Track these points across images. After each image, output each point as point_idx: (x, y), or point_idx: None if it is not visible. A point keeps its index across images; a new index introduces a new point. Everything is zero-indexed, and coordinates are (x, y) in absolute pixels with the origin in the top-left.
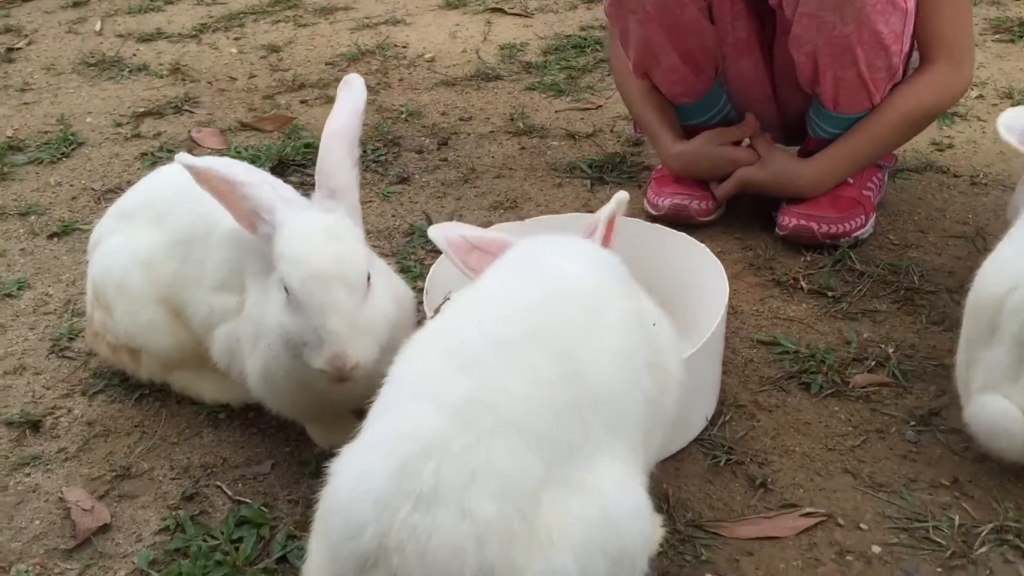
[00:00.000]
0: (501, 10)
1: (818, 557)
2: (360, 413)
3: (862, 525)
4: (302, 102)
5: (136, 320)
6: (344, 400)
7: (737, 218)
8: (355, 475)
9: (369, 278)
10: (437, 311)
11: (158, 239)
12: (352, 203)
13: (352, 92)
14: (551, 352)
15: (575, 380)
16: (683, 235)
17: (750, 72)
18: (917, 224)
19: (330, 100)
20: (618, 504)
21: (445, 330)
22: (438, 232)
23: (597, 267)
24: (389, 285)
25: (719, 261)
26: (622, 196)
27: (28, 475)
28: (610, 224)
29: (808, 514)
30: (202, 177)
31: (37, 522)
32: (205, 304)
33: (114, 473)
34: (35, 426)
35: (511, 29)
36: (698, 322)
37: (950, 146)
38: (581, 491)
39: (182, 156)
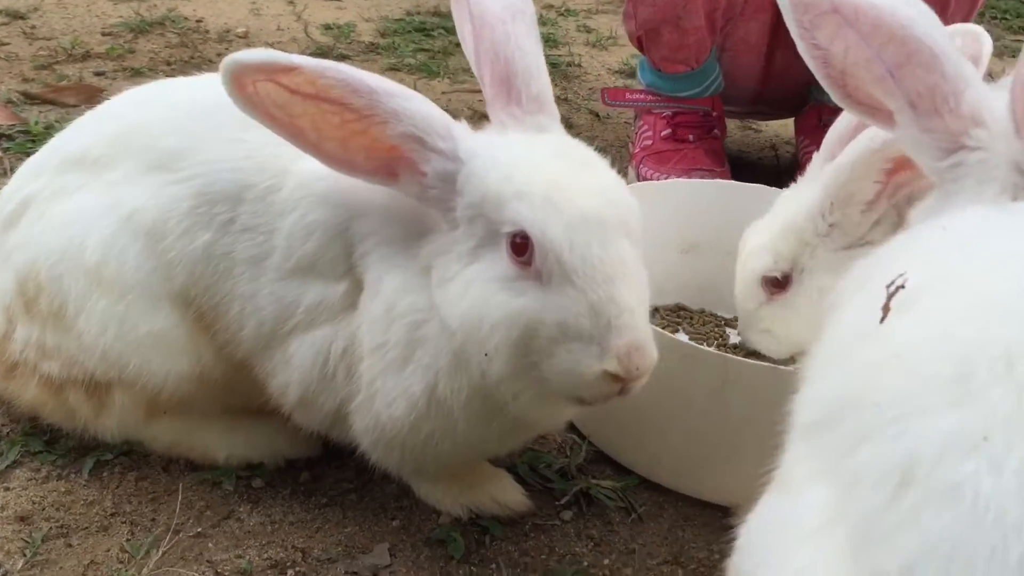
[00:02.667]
0: None
1: None
2: None
3: None
4: (97, 74)
5: (130, 331)
6: (540, 428)
7: None
8: None
9: None
10: (887, 309)
11: (171, 195)
12: (558, 121)
13: None
14: None
15: None
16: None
17: (755, 35)
18: None
19: (136, 72)
20: None
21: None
22: None
23: None
24: None
25: None
26: None
27: None
28: None
29: None
30: (303, 84)
31: None
32: (272, 299)
33: None
34: None
35: (324, 10)
36: None
37: None
38: None
39: (242, 55)
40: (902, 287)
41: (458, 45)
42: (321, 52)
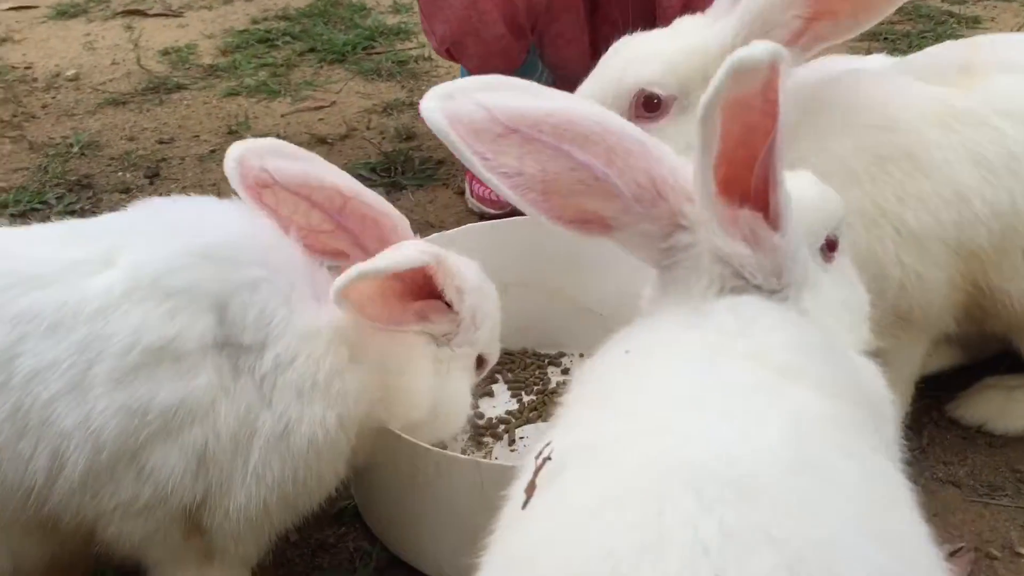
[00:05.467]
0: (139, 12)
1: None
2: None
3: None
4: None
5: None
6: None
7: None
8: None
9: None
10: (532, 488)
11: None
12: None
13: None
14: None
15: None
16: None
17: (571, 28)
18: None
19: None
20: None
21: None
22: (436, 103)
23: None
24: None
25: None
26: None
27: None
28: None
29: None
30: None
31: None
32: (112, 412)
33: None
34: None
35: (164, 31)
36: None
37: None
38: None
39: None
40: (548, 459)
41: (301, 54)
42: (155, 85)
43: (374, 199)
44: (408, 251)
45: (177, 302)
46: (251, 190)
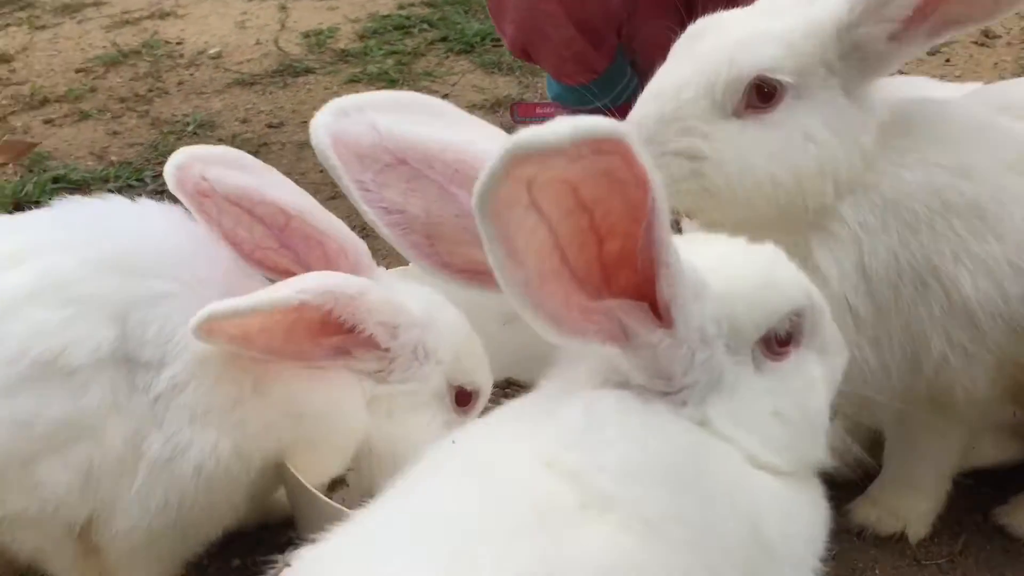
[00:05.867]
0: None
1: None
2: None
3: None
4: (46, 121)
5: None
6: None
7: None
8: None
9: None
10: None
11: None
12: None
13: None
14: None
15: None
16: None
17: (661, 34)
18: None
19: (85, 116)
20: None
21: None
22: (328, 118)
23: None
24: None
25: None
26: None
27: None
28: None
29: None
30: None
31: None
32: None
33: None
34: None
35: (314, 13)
36: None
37: None
38: None
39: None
40: (288, 565)
41: (432, 43)
42: (287, 66)
43: (322, 220)
44: (279, 291)
45: (77, 311)
46: (191, 198)
